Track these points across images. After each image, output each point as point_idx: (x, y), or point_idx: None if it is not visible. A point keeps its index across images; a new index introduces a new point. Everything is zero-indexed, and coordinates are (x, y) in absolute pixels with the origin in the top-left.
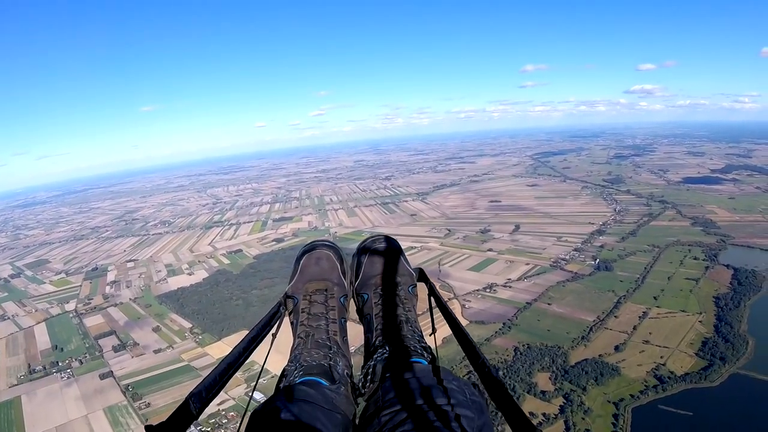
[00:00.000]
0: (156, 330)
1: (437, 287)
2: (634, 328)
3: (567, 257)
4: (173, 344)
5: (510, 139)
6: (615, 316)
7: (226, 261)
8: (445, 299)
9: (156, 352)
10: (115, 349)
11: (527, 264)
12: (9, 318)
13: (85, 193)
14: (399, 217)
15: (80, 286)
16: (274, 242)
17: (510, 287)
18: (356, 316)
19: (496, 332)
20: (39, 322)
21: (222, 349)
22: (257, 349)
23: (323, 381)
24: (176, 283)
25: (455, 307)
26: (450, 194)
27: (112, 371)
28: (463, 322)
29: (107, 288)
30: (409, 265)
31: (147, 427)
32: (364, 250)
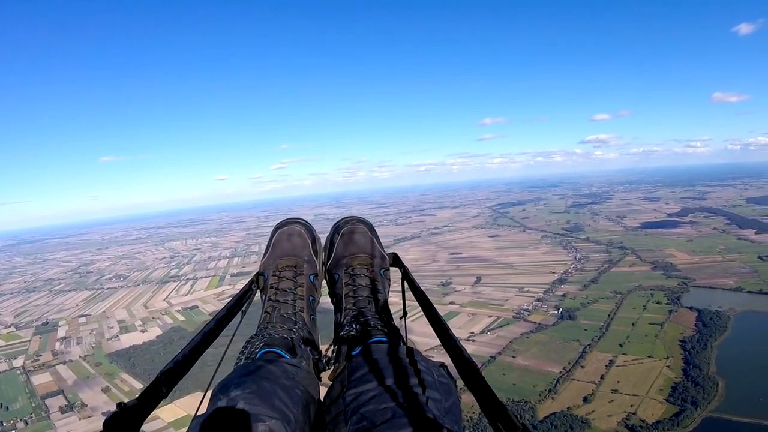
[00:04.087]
0: (105, 390)
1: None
2: (602, 377)
3: (530, 308)
4: None
5: (469, 191)
6: (581, 366)
7: (181, 318)
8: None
9: (104, 414)
10: (62, 410)
11: (490, 316)
12: None
13: (40, 244)
14: None
15: (29, 341)
16: (231, 298)
17: (473, 341)
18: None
19: (460, 389)
20: None
21: (175, 412)
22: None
23: (284, 353)
24: (128, 340)
25: None
26: (410, 247)
27: None
28: None
29: (57, 344)
30: (383, 248)
31: (119, 405)
32: (338, 230)
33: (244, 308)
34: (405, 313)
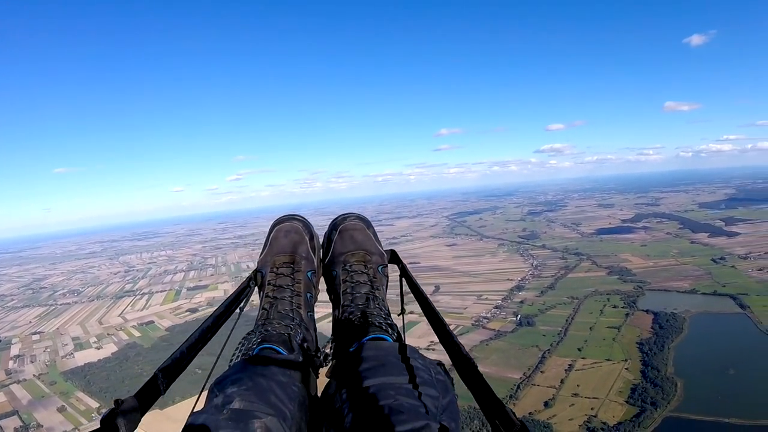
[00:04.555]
0: (61, 410)
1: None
2: (562, 381)
3: (488, 315)
4: (79, 426)
5: (427, 200)
6: (541, 372)
7: (136, 333)
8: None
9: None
10: None
11: (449, 325)
12: None
13: None
14: None
15: None
16: (188, 312)
17: (434, 350)
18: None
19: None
20: None
21: None
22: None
23: (281, 350)
24: (83, 358)
25: None
26: None
27: None
28: None
29: (10, 363)
30: (381, 245)
31: (116, 402)
32: (335, 227)
33: (241, 305)
34: (403, 310)
